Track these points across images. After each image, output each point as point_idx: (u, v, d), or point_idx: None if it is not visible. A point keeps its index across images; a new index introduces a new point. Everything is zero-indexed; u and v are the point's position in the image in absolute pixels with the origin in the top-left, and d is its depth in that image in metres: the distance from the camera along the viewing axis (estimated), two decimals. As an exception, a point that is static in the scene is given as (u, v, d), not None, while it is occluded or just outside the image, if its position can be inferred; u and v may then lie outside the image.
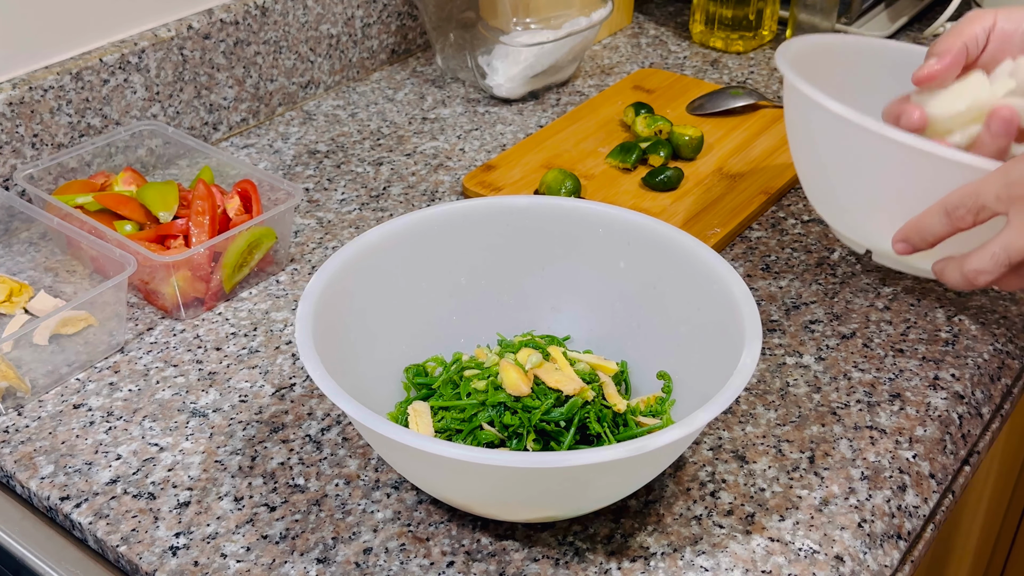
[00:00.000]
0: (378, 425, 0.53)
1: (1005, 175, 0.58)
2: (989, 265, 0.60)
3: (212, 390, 0.73)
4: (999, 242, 0.59)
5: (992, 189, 0.58)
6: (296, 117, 1.07)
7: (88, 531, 0.63)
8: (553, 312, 0.73)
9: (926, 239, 0.63)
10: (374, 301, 0.68)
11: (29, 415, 0.71)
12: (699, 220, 0.88)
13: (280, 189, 0.84)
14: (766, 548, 0.61)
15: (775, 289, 0.82)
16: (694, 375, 0.66)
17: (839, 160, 0.71)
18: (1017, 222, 0.58)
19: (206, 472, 0.66)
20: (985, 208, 0.59)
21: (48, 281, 0.83)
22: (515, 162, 0.97)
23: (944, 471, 0.68)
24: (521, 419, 0.62)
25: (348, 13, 1.11)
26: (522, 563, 0.60)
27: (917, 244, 0.63)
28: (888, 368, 0.74)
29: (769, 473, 0.66)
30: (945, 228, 0.61)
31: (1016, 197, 0.57)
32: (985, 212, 0.59)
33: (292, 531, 0.62)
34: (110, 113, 0.93)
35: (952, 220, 0.61)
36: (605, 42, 1.25)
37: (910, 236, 0.64)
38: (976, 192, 0.59)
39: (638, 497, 0.64)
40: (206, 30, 0.98)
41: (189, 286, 0.78)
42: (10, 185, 0.89)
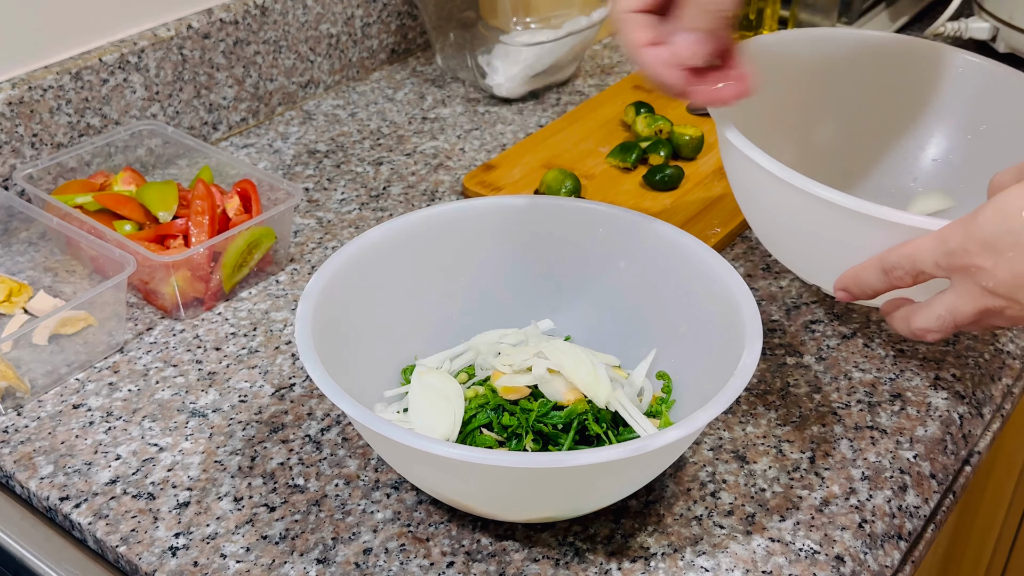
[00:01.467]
0: (378, 425, 0.53)
1: (944, 243, 0.56)
2: (935, 325, 0.58)
3: (212, 390, 0.73)
4: (944, 304, 0.58)
5: (930, 255, 0.57)
6: (296, 117, 1.07)
7: (88, 531, 0.63)
8: (553, 312, 0.73)
9: (865, 292, 0.62)
10: (374, 301, 0.68)
11: (29, 415, 0.71)
12: (699, 220, 0.88)
13: (280, 189, 0.84)
14: (766, 548, 0.61)
15: (775, 289, 0.82)
16: (694, 375, 0.66)
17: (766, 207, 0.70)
18: (961, 289, 0.56)
19: (206, 472, 0.66)
20: (924, 273, 0.57)
21: (48, 281, 0.83)
22: (515, 162, 0.97)
23: (945, 471, 0.68)
24: (519, 420, 0.62)
25: (348, 13, 1.11)
26: (522, 563, 0.60)
27: (857, 295, 0.62)
28: (888, 368, 0.74)
29: (769, 473, 0.66)
30: (884, 285, 0.60)
31: (956, 267, 0.56)
32: (924, 276, 0.58)
33: (292, 531, 0.62)
34: (110, 113, 0.93)
35: (890, 279, 0.60)
36: (605, 42, 1.25)
37: (849, 287, 0.62)
38: (913, 256, 0.58)
39: (638, 497, 0.64)
40: (206, 30, 0.98)
41: (189, 286, 0.78)
42: (9, 185, 0.89)
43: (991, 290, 0.55)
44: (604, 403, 0.63)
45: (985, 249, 0.54)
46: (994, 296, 0.55)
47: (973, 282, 0.55)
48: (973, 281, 0.55)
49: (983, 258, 0.54)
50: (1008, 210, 0.54)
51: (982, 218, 0.54)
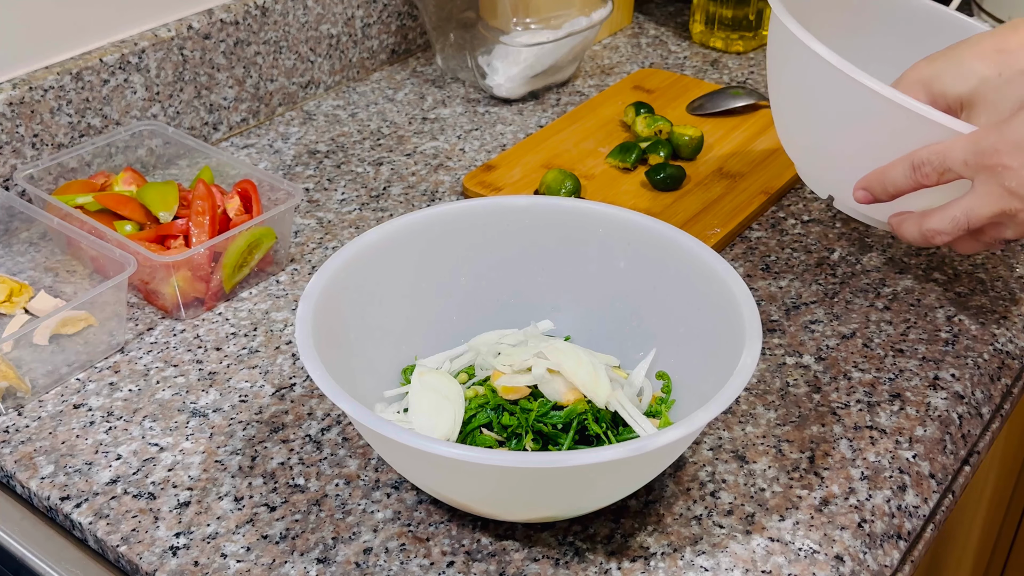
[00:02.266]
0: (378, 425, 0.53)
1: (976, 143, 0.58)
2: (948, 227, 0.60)
3: (212, 390, 0.73)
4: (961, 206, 0.59)
5: (961, 154, 0.58)
6: (296, 117, 1.08)
7: (88, 531, 0.63)
8: (553, 312, 0.73)
9: (887, 190, 0.63)
10: (374, 301, 0.68)
11: (29, 415, 0.71)
12: (699, 220, 0.88)
13: (280, 189, 0.84)
14: (766, 548, 0.61)
15: (775, 289, 0.82)
16: (694, 375, 0.66)
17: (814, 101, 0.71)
18: (982, 190, 0.58)
19: (206, 472, 0.66)
20: (951, 171, 0.59)
21: (48, 281, 0.83)
22: (515, 162, 0.97)
23: (944, 471, 0.68)
24: (519, 419, 0.62)
25: (348, 13, 1.11)
26: (522, 563, 0.60)
27: (878, 194, 0.63)
28: (888, 368, 0.74)
29: (769, 473, 0.66)
30: (908, 182, 0.61)
31: (983, 166, 0.57)
32: (950, 175, 0.59)
33: (292, 531, 0.62)
34: (110, 113, 0.93)
35: (916, 176, 0.61)
36: (605, 42, 1.25)
37: (872, 185, 0.64)
38: (944, 153, 0.59)
39: (638, 497, 0.64)
40: (206, 30, 0.98)
41: (189, 286, 0.78)
42: (10, 185, 0.89)
43: (1012, 190, 0.56)
44: (604, 403, 0.63)
45: (1016, 149, 0.56)
46: (1013, 197, 0.56)
47: (997, 182, 0.57)
48: (997, 181, 0.57)
49: (1012, 157, 0.56)
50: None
51: (1016, 121, 0.56)
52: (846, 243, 0.87)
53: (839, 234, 0.88)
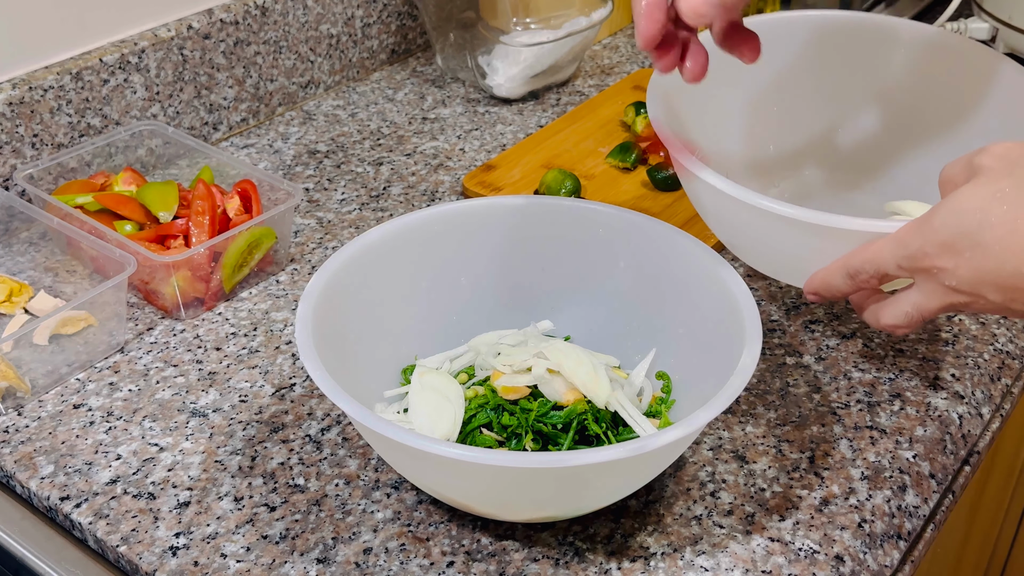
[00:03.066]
0: (378, 425, 0.53)
1: (903, 246, 0.56)
2: (903, 322, 0.59)
3: (212, 390, 0.73)
4: (910, 301, 0.58)
5: (891, 259, 0.57)
6: (296, 117, 1.08)
7: (88, 531, 0.63)
8: (553, 312, 0.73)
9: (835, 295, 0.62)
10: (374, 301, 0.68)
11: (29, 415, 0.71)
12: (699, 220, 0.88)
13: (280, 189, 0.84)
14: (766, 548, 0.61)
15: (775, 289, 0.82)
16: (694, 375, 0.66)
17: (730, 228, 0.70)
18: (924, 289, 0.57)
19: (206, 472, 0.66)
20: (887, 275, 0.58)
21: (48, 281, 0.83)
22: (515, 162, 0.97)
23: (944, 471, 0.68)
24: (519, 420, 0.62)
25: (348, 13, 1.11)
26: (522, 563, 0.60)
27: (827, 297, 0.63)
28: (888, 368, 0.74)
29: (769, 473, 0.66)
30: (851, 288, 0.61)
31: (918, 269, 0.56)
32: (888, 277, 0.58)
33: (292, 531, 0.62)
34: (110, 113, 0.93)
35: (856, 282, 0.60)
36: (605, 42, 1.25)
37: (819, 291, 0.63)
38: (875, 259, 0.58)
39: (638, 497, 0.64)
40: (206, 30, 0.98)
41: (189, 286, 0.78)
42: (10, 185, 0.89)
43: (955, 288, 0.55)
44: (604, 403, 0.63)
45: (944, 251, 0.55)
46: (958, 293, 0.56)
47: (936, 281, 0.56)
48: (936, 281, 0.56)
49: (943, 259, 0.55)
50: (962, 211, 0.54)
51: (938, 221, 0.55)
52: (846, 243, 0.87)
53: (839, 234, 0.88)
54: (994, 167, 0.55)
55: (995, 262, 0.53)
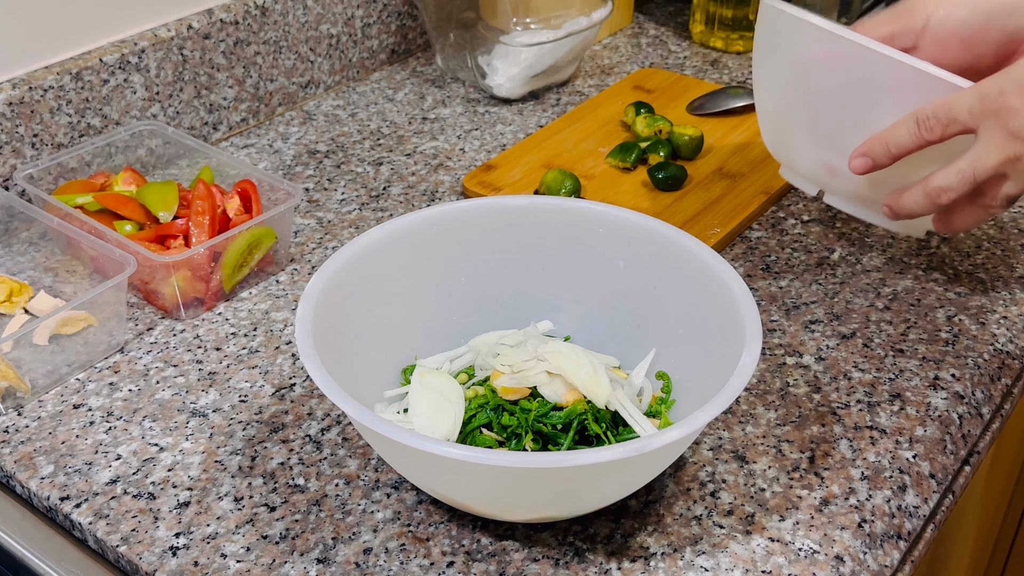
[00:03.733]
0: (378, 425, 0.53)
1: (980, 89, 0.58)
2: (954, 182, 0.60)
3: (212, 390, 0.73)
4: (966, 158, 0.60)
5: (966, 102, 0.59)
6: (296, 117, 1.08)
7: (88, 531, 0.63)
8: (553, 312, 0.73)
9: (890, 151, 0.62)
10: (374, 301, 0.68)
11: (29, 415, 0.71)
12: (699, 220, 0.88)
13: (280, 189, 0.84)
14: (766, 548, 0.61)
15: (775, 289, 0.82)
16: (694, 375, 0.66)
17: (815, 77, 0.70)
18: (987, 137, 0.58)
19: (206, 472, 0.66)
20: (956, 121, 0.59)
21: (48, 281, 0.83)
22: (515, 162, 0.97)
23: (944, 471, 0.68)
24: (519, 420, 0.62)
25: (348, 13, 1.11)
26: (522, 563, 0.60)
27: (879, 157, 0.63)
28: (888, 368, 0.74)
29: (769, 473, 0.66)
30: (913, 139, 0.61)
31: (988, 111, 0.58)
32: (955, 126, 0.59)
33: (292, 531, 0.62)
34: (110, 113, 0.93)
35: (921, 131, 0.61)
36: (605, 42, 1.25)
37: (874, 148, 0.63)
38: (950, 104, 0.60)
39: (638, 497, 0.64)
40: (206, 30, 0.98)
41: (189, 286, 0.78)
42: (10, 185, 0.89)
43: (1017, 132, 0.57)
44: (604, 403, 0.63)
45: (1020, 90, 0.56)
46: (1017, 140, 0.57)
47: (1001, 126, 0.57)
48: (1001, 125, 0.57)
49: (1017, 98, 0.56)
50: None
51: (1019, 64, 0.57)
52: (846, 243, 0.87)
53: (839, 234, 0.88)
54: None
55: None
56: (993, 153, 0.58)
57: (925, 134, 0.61)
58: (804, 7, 1.18)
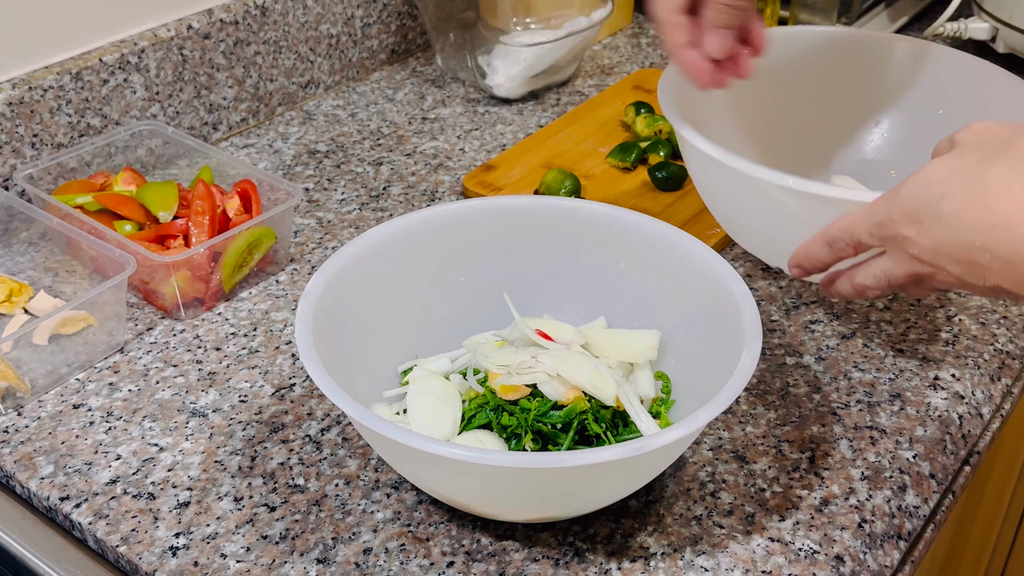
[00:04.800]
0: (378, 425, 0.53)
1: (873, 215, 0.59)
2: (872, 283, 0.62)
3: (212, 390, 0.73)
4: (880, 265, 0.61)
5: (864, 227, 0.60)
6: (296, 117, 1.08)
7: (88, 531, 0.63)
8: (553, 312, 0.73)
9: (815, 265, 0.65)
10: (374, 301, 0.68)
11: (29, 415, 0.71)
12: (699, 220, 0.88)
13: (280, 189, 0.84)
14: (766, 548, 0.61)
15: (775, 289, 0.82)
16: (694, 375, 0.66)
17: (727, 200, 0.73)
18: (892, 255, 0.59)
19: (206, 472, 0.66)
20: (861, 243, 0.61)
21: (48, 281, 0.83)
22: (515, 162, 0.97)
23: (944, 471, 0.68)
24: (519, 419, 0.62)
25: (348, 13, 1.11)
26: (522, 563, 0.60)
27: (808, 270, 0.66)
28: (888, 368, 0.74)
29: (769, 473, 0.66)
30: (830, 256, 0.63)
31: (886, 237, 0.58)
32: (862, 246, 0.61)
33: (292, 531, 0.62)
34: (110, 113, 0.93)
35: (834, 251, 0.63)
36: (605, 42, 1.25)
37: (801, 263, 0.66)
38: (850, 228, 0.61)
39: (638, 497, 0.64)
40: (206, 30, 0.98)
41: (189, 286, 0.78)
42: (10, 185, 0.89)
43: (917, 257, 0.57)
44: (612, 400, 0.63)
45: (908, 219, 0.57)
46: (921, 263, 0.58)
47: (901, 249, 0.58)
48: (901, 249, 0.58)
49: (907, 228, 0.57)
50: (928, 180, 0.56)
51: (905, 189, 0.57)
52: (846, 243, 0.87)
53: (839, 234, 0.88)
54: (967, 142, 0.57)
55: (951, 233, 0.55)
56: (900, 269, 0.59)
57: (839, 253, 0.63)
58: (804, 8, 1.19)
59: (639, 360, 0.67)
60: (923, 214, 0.56)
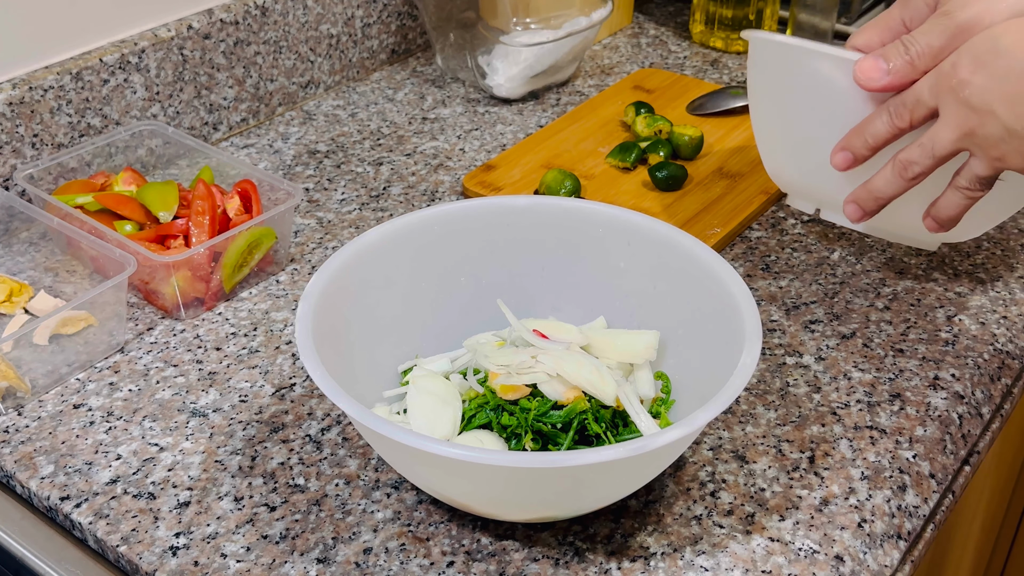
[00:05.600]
0: (378, 425, 0.53)
1: (937, 69, 0.62)
2: (917, 155, 0.65)
3: (212, 390, 0.73)
4: (928, 134, 0.63)
5: (927, 82, 0.63)
6: (296, 117, 1.08)
7: (88, 531, 0.63)
8: (553, 312, 0.73)
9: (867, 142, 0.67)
10: (374, 301, 0.68)
11: (29, 415, 0.71)
12: (699, 220, 0.88)
13: (280, 189, 0.84)
14: (766, 548, 0.61)
15: (775, 289, 0.82)
16: (694, 375, 0.66)
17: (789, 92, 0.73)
18: (944, 113, 0.62)
19: (206, 472, 0.66)
20: (919, 103, 0.63)
21: (48, 281, 0.83)
22: (515, 162, 0.97)
23: (944, 471, 0.68)
24: (519, 419, 0.62)
25: (348, 13, 1.11)
26: (522, 563, 0.60)
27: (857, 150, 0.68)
28: (888, 368, 0.74)
29: (769, 473, 0.66)
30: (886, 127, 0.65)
31: (944, 87, 0.61)
32: (920, 108, 0.63)
33: (292, 531, 0.62)
34: (110, 113, 0.93)
35: (893, 119, 0.65)
36: (605, 42, 1.25)
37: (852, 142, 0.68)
38: (915, 87, 0.64)
39: (638, 497, 0.64)
40: (206, 30, 0.98)
41: (189, 286, 0.78)
42: (10, 185, 0.89)
43: (967, 101, 0.60)
44: (612, 400, 0.63)
45: (971, 62, 0.60)
46: (971, 110, 0.60)
47: (955, 99, 0.61)
48: (956, 98, 0.61)
49: (967, 70, 0.60)
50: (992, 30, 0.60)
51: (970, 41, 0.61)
52: (846, 243, 0.87)
53: (839, 234, 0.88)
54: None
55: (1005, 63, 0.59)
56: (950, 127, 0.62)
57: (896, 121, 0.65)
58: (804, 8, 1.19)
59: (638, 361, 0.67)
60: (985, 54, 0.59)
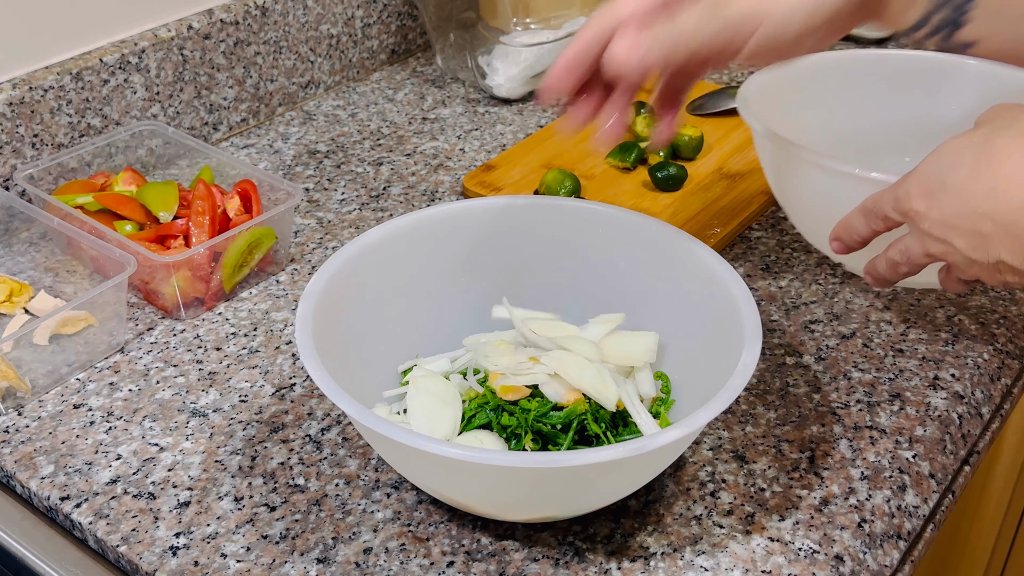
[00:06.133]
0: (378, 425, 0.53)
1: (895, 190, 0.60)
2: (899, 257, 0.63)
3: (212, 390, 0.73)
4: (903, 242, 0.62)
5: (888, 201, 0.61)
6: (296, 117, 1.08)
7: (88, 531, 0.63)
8: (553, 311, 0.73)
9: (852, 237, 0.66)
10: (374, 301, 0.68)
11: (29, 415, 0.71)
12: (699, 220, 0.88)
13: (280, 189, 0.84)
14: (766, 548, 0.61)
15: (775, 289, 0.82)
16: (694, 375, 0.66)
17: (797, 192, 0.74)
18: (911, 232, 0.61)
19: (206, 472, 0.66)
20: (887, 217, 0.62)
21: (48, 281, 0.83)
22: (515, 162, 0.97)
23: (944, 471, 0.68)
24: (519, 420, 0.62)
25: (348, 13, 1.11)
26: (522, 563, 0.60)
27: (846, 242, 0.67)
28: (888, 368, 0.74)
29: (769, 473, 0.66)
30: (865, 228, 0.64)
31: (902, 212, 0.60)
32: (889, 220, 0.62)
33: (292, 531, 0.62)
34: (110, 113, 0.93)
35: (868, 222, 0.64)
36: (605, 42, 1.25)
37: (840, 235, 0.67)
38: (879, 201, 0.62)
39: (638, 497, 0.65)
40: (206, 30, 0.98)
41: (189, 286, 0.78)
42: (10, 185, 0.89)
43: (928, 232, 0.58)
44: (613, 405, 0.63)
45: (921, 193, 0.58)
46: (932, 239, 0.59)
47: (915, 226, 0.59)
48: (915, 224, 0.59)
49: (919, 202, 0.58)
50: (940, 155, 0.57)
51: (921, 166, 0.58)
52: (846, 243, 0.87)
53: (839, 234, 0.88)
54: (981, 121, 0.59)
55: (958, 202, 0.56)
56: (918, 247, 0.61)
57: (872, 224, 0.64)
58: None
59: (637, 364, 0.67)
60: (934, 186, 0.57)
